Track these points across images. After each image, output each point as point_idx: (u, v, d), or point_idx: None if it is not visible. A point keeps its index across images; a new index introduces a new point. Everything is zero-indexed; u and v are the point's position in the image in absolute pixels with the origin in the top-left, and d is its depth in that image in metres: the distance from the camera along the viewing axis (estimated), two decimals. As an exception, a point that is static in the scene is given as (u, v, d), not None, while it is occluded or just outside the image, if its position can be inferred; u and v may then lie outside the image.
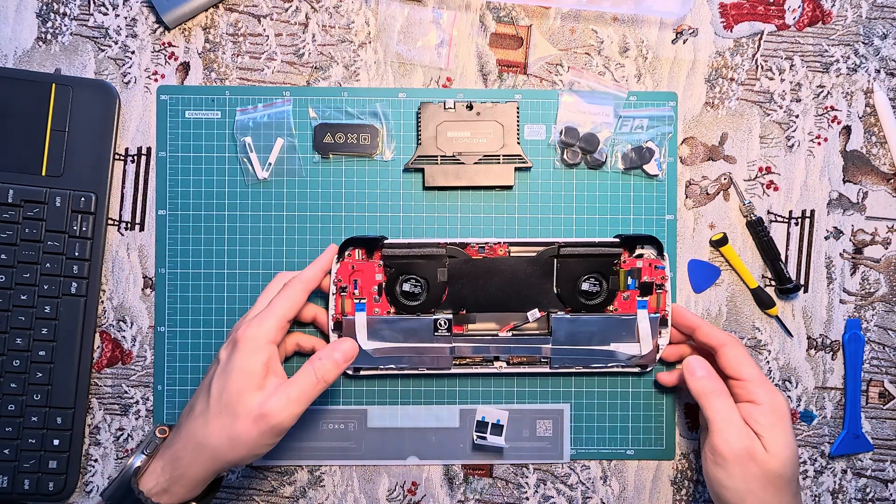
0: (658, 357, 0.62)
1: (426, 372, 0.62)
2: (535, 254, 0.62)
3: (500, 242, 0.61)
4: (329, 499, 0.65)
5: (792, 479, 0.54)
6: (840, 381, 0.66)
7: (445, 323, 0.61)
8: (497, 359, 0.62)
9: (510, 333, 0.62)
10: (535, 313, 0.62)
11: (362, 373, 0.62)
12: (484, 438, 0.62)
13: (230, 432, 0.51)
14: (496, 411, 0.63)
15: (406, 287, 0.61)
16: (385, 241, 0.61)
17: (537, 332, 0.62)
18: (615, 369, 0.62)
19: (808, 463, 0.66)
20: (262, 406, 0.51)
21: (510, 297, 0.62)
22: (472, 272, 0.61)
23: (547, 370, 0.62)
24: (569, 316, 0.62)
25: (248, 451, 0.51)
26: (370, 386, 0.65)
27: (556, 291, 0.62)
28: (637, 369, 0.63)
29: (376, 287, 0.62)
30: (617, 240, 0.61)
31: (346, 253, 0.61)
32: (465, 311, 0.62)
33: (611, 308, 0.62)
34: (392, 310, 0.62)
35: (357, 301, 0.61)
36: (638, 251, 0.62)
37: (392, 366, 0.62)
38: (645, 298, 0.62)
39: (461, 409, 0.64)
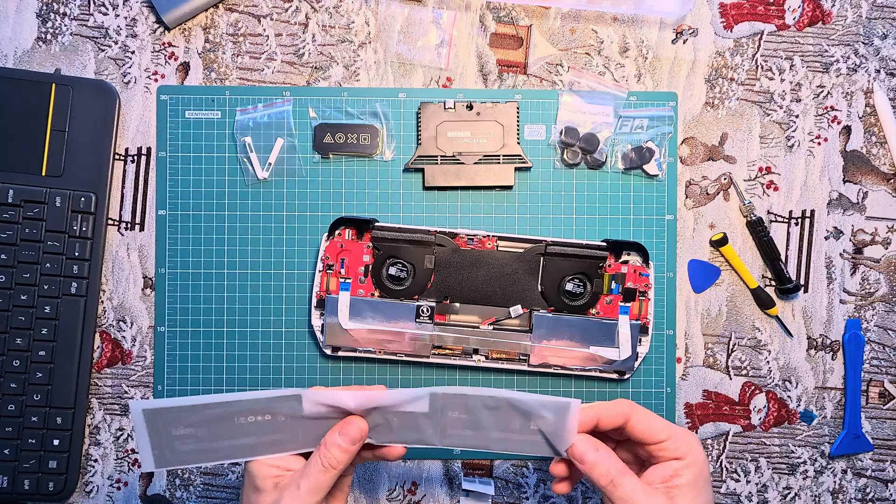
0: (636, 365, 0.62)
1: (404, 358, 0.62)
2: (522, 250, 0.62)
3: (489, 235, 0.62)
4: None
5: None
6: (840, 381, 0.66)
7: (428, 310, 0.62)
8: (476, 352, 0.62)
9: (491, 327, 0.62)
10: (517, 309, 0.62)
11: (340, 354, 0.62)
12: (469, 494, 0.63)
13: None
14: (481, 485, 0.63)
15: (392, 271, 0.62)
16: (375, 224, 0.61)
17: (518, 328, 0.62)
18: (592, 374, 0.62)
19: (809, 463, 0.66)
20: None
21: (495, 290, 0.62)
22: (459, 262, 0.62)
23: (525, 367, 0.62)
24: (551, 315, 0.62)
25: None
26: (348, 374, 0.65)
27: (540, 289, 0.62)
28: (615, 375, 0.63)
29: (363, 268, 0.62)
30: (604, 243, 0.62)
31: (337, 231, 0.62)
32: (448, 300, 0.62)
33: (593, 311, 0.62)
34: (376, 292, 0.62)
35: (342, 280, 0.62)
36: (624, 257, 0.62)
37: (371, 349, 0.62)
38: (627, 304, 0.62)
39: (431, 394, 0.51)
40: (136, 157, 0.65)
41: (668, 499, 0.47)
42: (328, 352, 0.62)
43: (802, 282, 0.66)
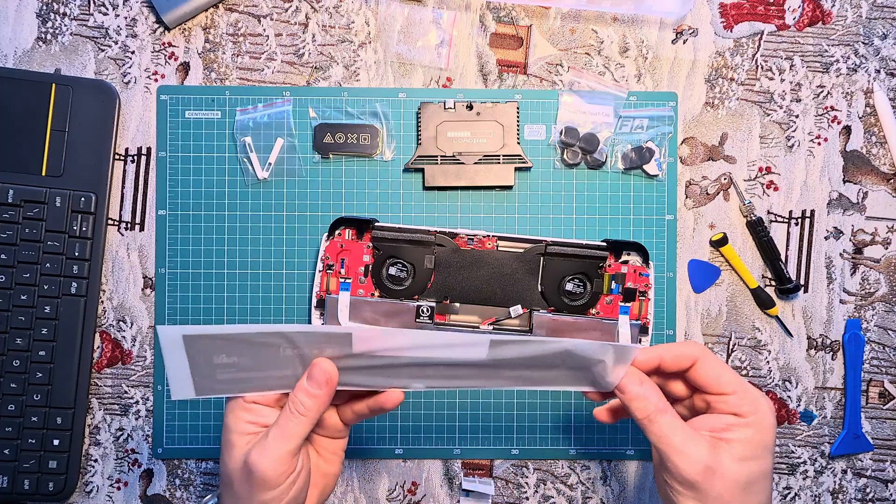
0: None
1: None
2: (522, 250, 0.62)
3: (489, 235, 0.62)
4: (328, 498, 0.65)
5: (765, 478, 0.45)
6: (840, 381, 0.66)
7: (428, 310, 0.62)
8: None
9: (491, 327, 0.62)
10: (517, 309, 0.62)
11: None
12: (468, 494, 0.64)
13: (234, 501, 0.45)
14: (482, 484, 0.64)
15: (392, 271, 0.62)
16: (375, 224, 0.62)
17: (518, 328, 0.62)
18: None
19: (808, 463, 0.66)
20: (246, 456, 0.44)
21: (495, 290, 0.62)
22: (460, 262, 0.62)
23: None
24: (551, 315, 0.62)
25: None
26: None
27: (540, 289, 0.62)
28: None
29: (363, 268, 0.62)
30: (604, 243, 0.62)
31: (337, 231, 0.62)
32: (448, 300, 0.62)
33: (593, 311, 0.62)
34: (376, 292, 0.62)
35: (342, 280, 0.62)
36: (624, 257, 0.62)
37: None
38: (627, 304, 0.62)
39: (492, 341, 0.46)
40: (136, 157, 0.65)
41: (711, 447, 0.42)
42: None
43: (802, 282, 0.66)
